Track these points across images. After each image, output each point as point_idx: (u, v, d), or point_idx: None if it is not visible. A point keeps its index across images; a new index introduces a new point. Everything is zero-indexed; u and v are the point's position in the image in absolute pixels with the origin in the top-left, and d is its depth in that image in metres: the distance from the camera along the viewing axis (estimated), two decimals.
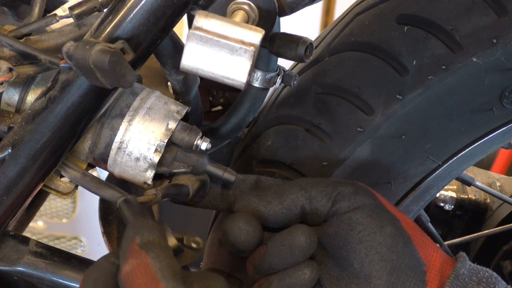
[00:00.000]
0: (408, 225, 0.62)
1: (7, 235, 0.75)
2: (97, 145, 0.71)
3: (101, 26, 0.64)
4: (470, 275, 0.60)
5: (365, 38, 0.77)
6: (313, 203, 0.63)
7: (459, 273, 0.60)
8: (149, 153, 0.69)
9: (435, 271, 0.60)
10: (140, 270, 0.52)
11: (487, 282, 0.59)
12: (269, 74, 0.75)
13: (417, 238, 0.62)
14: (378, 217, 0.61)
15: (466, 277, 0.60)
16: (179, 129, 0.70)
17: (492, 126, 0.76)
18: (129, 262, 0.53)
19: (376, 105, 0.75)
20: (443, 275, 0.60)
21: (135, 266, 0.52)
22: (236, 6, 0.65)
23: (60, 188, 0.73)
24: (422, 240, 0.62)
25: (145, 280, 0.51)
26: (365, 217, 0.61)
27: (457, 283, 0.59)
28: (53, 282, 0.73)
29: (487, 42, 0.72)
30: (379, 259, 0.60)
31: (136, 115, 0.70)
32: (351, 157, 0.76)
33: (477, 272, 0.60)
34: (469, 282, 0.59)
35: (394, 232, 0.60)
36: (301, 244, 0.60)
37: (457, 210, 1.18)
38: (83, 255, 0.78)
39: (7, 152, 0.68)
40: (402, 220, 0.62)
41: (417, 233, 0.62)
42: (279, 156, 0.80)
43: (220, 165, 0.71)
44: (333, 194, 0.63)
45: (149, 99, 0.71)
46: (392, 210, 0.63)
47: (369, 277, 0.60)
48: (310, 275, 0.60)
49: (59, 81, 0.66)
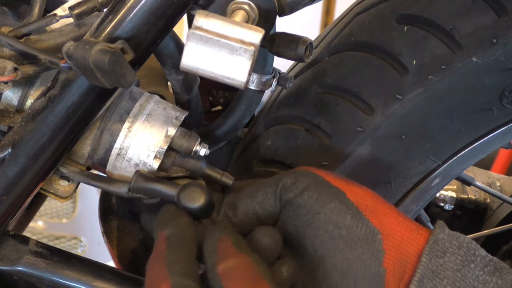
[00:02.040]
0: (357, 196, 0.60)
1: (7, 235, 0.75)
2: (96, 151, 0.71)
3: (101, 26, 0.64)
4: (450, 240, 0.58)
5: (365, 38, 0.77)
6: (262, 206, 0.63)
7: (438, 238, 0.58)
8: (149, 160, 0.70)
9: (394, 238, 0.58)
10: (245, 270, 0.53)
11: (468, 247, 0.57)
12: (265, 77, 0.75)
13: (368, 207, 0.60)
14: (320, 196, 0.59)
15: (446, 242, 0.58)
16: (178, 136, 0.71)
17: (492, 126, 0.76)
18: (228, 260, 0.54)
19: (376, 105, 0.75)
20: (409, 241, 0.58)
21: (237, 265, 0.53)
22: (236, 5, 0.65)
23: (59, 192, 0.73)
24: (376, 208, 0.60)
25: (252, 282, 0.52)
26: (306, 200, 0.60)
27: (437, 247, 0.57)
28: (53, 282, 0.73)
29: (487, 42, 0.72)
30: (328, 237, 0.58)
31: (135, 122, 0.70)
32: (351, 157, 0.76)
33: (457, 237, 0.58)
34: (449, 247, 0.57)
35: (339, 207, 0.59)
36: (265, 245, 0.60)
37: (457, 210, 1.18)
38: (83, 255, 0.78)
39: (7, 152, 0.68)
40: (349, 192, 0.60)
41: (369, 202, 0.60)
42: (279, 156, 0.80)
43: (218, 169, 0.72)
44: (277, 191, 0.62)
45: (148, 104, 0.71)
46: (339, 183, 0.61)
47: (324, 257, 0.59)
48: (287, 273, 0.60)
49: (59, 81, 0.66)
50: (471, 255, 0.57)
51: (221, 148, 0.88)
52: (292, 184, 0.61)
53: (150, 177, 0.68)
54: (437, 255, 0.57)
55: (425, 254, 0.56)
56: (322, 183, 0.61)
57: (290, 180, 0.62)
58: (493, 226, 1.16)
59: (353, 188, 0.61)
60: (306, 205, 0.60)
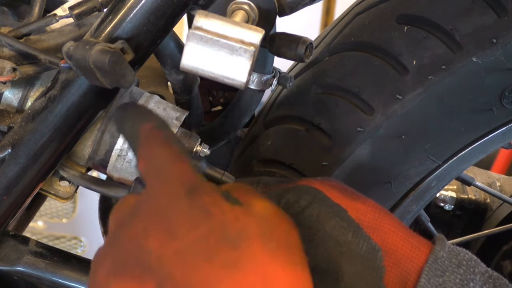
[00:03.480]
0: (358, 212, 0.60)
1: (7, 235, 0.75)
2: (97, 152, 0.71)
3: (101, 26, 0.64)
4: (450, 258, 0.58)
5: (365, 38, 0.77)
6: None
7: (438, 256, 0.58)
8: None
9: (395, 255, 0.58)
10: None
11: (467, 265, 0.57)
12: (265, 76, 0.75)
13: (370, 223, 0.59)
14: (321, 214, 0.59)
15: (446, 260, 0.57)
16: (178, 136, 0.71)
17: (492, 126, 0.76)
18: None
19: (376, 105, 0.75)
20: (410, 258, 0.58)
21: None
22: (236, 6, 0.65)
23: (60, 193, 0.73)
24: (377, 225, 0.60)
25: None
26: (307, 218, 0.59)
27: (436, 266, 0.57)
28: (53, 282, 0.73)
29: (487, 42, 0.72)
30: (329, 254, 0.58)
31: None
32: (351, 157, 0.76)
33: (457, 254, 0.58)
34: (449, 265, 0.57)
35: (340, 224, 0.59)
36: None
37: (457, 210, 1.18)
38: (83, 255, 0.78)
39: (7, 152, 0.68)
40: (350, 208, 0.60)
41: (371, 219, 0.60)
42: (279, 156, 0.80)
43: (218, 169, 0.72)
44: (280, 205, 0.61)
45: (148, 105, 0.71)
46: (341, 200, 0.61)
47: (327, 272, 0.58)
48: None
49: (59, 81, 0.66)
50: (471, 273, 0.57)
51: (221, 148, 0.88)
52: (294, 203, 0.61)
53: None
54: (436, 274, 0.57)
55: (424, 273, 0.57)
56: (323, 200, 0.61)
57: (293, 198, 0.61)
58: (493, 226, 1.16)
59: (356, 204, 0.61)
60: (307, 222, 0.60)
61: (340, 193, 0.62)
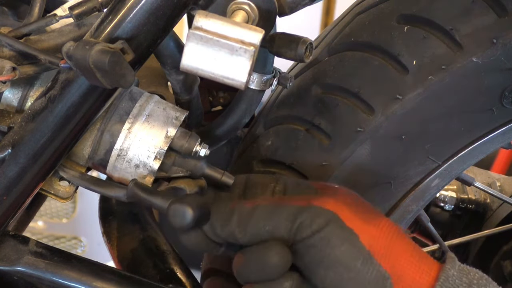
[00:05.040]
0: (370, 239, 0.61)
1: (7, 235, 0.75)
2: (96, 152, 0.71)
3: (101, 26, 0.64)
4: (460, 276, 0.59)
5: (365, 38, 0.77)
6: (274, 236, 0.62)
7: (449, 274, 0.59)
8: (149, 161, 0.70)
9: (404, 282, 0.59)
10: None
11: (478, 283, 0.58)
12: (265, 76, 0.75)
13: (381, 250, 0.60)
14: (332, 239, 0.60)
15: (456, 279, 0.59)
16: (178, 136, 0.71)
17: (492, 126, 0.76)
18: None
19: (376, 105, 0.75)
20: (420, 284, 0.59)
21: None
22: (236, 6, 0.65)
23: (60, 193, 0.73)
24: (388, 251, 0.61)
25: None
26: (318, 241, 0.60)
27: (447, 285, 0.58)
28: (53, 282, 0.73)
29: (487, 42, 0.72)
30: (338, 278, 0.59)
31: (135, 122, 0.70)
32: (351, 157, 0.76)
33: (467, 273, 0.59)
34: (459, 284, 0.58)
35: (350, 250, 0.60)
36: (275, 263, 0.60)
37: (457, 210, 1.18)
38: (83, 255, 0.78)
39: (7, 152, 0.68)
40: (363, 234, 0.61)
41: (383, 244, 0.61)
42: (279, 156, 0.80)
43: (218, 169, 0.72)
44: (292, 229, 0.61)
45: (148, 105, 0.71)
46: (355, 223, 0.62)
47: None
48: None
49: (59, 81, 0.66)
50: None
51: (221, 148, 0.88)
52: (307, 226, 0.61)
53: (145, 188, 0.68)
54: None
55: None
56: (336, 223, 0.61)
57: (306, 221, 0.61)
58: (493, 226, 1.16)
59: (368, 229, 0.62)
60: (318, 245, 0.60)
61: (353, 214, 0.63)
